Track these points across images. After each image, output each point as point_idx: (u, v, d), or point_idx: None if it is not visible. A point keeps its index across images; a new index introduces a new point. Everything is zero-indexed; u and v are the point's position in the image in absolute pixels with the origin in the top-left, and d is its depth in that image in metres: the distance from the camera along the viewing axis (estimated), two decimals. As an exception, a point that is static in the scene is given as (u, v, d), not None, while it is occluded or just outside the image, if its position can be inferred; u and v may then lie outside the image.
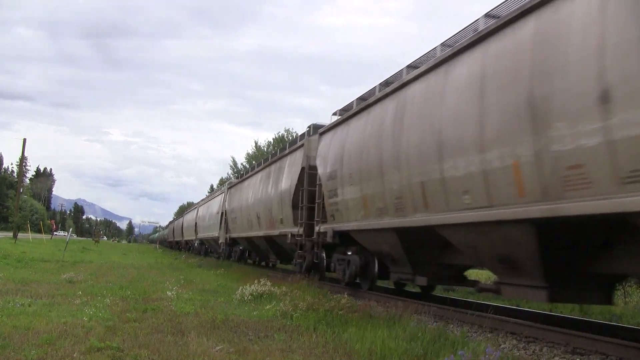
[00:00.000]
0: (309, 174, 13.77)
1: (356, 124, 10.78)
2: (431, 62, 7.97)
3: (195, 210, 40.81)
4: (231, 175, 67.22)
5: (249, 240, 20.96)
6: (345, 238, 11.27)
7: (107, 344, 4.97)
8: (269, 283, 10.06)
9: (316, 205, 12.95)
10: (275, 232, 16.37)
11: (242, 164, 62.50)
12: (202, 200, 39.62)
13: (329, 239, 11.77)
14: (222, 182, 73.56)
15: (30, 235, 43.51)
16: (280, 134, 56.83)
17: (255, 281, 10.22)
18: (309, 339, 5.81)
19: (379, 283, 12.00)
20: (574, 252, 6.02)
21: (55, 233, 67.01)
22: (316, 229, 12.62)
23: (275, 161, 17.90)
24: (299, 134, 22.79)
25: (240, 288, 9.73)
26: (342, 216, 11.01)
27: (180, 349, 5.04)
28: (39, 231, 57.96)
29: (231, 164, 65.72)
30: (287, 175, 15.56)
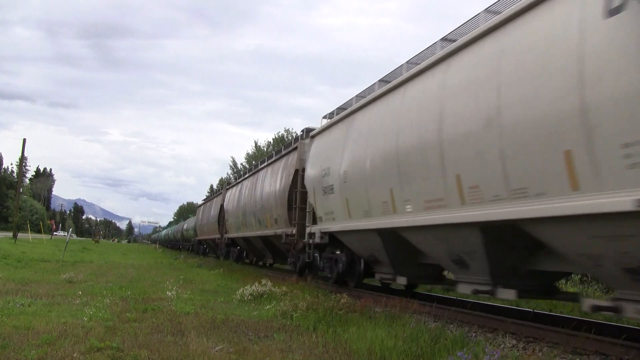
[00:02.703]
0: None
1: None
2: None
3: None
4: (231, 175, 67.24)
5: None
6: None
7: (107, 344, 4.97)
8: (269, 283, 10.06)
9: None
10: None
11: (242, 164, 62.56)
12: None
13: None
14: (222, 182, 73.50)
15: (30, 235, 43.49)
16: (280, 134, 56.93)
17: (256, 282, 10.22)
18: (309, 339, 5.81)
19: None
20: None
21: (55, 233, 66.99)
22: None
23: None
24: (298, 134, 23.29)
25: (241, 288, 9.73)
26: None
27: (180, 349, 5.04)
28: (39, 231, 57.98)
29: (231, 164, 65.84)
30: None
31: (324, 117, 13.05)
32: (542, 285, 7.22)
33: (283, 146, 18.53)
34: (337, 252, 12.11)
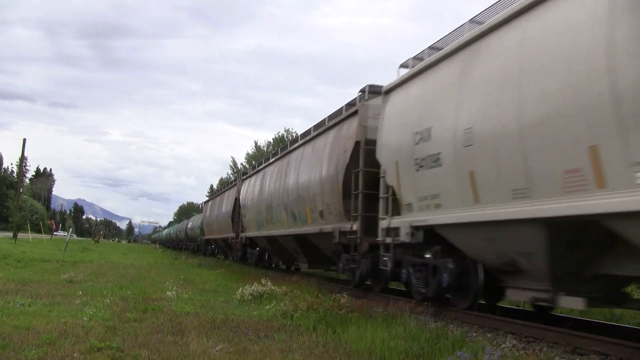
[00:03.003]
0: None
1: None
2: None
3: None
4: (231, 175, 67.18)
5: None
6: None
7: (107, 344, 4.97)
8: (269, 283, 10.06)
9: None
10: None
11: (242, 164, 62.54)
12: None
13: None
14: (222, 182, 73.36)
15: (30, 235, 43.49)
16: (280, 134, 56.91)
17: (256, 282, 10.21)
18: (309, 339, 5.81)
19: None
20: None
21: (55, 233, 66.99)
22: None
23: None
24: (298, 134, 20.35)
25: (240, 288, 9.74)
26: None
27: (180, 349, 5.05)
28: (39, 231, 57.98)
29: (231, 164, 65.81)
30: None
31: (402, 66, 9.48)
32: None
33: (327, 117, 13.48)
34: (428, 256, 8.35)
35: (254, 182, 20.10)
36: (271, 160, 18.25)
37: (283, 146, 18.88)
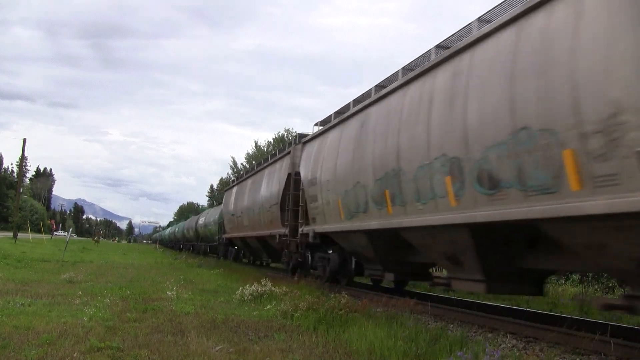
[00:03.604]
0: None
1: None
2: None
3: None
4: (231, 175, 67.17)
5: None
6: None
7: (107, 344, 4.97)
8: (269, 283, 10.06)
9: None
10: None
11: (242, 164, 62.55)
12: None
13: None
14: (222, 182, 73.36)
15: (30, 235, 43.50)
16: (280, 133, 56.94)
17: (256, 282, 10.21)
18: (309, 339, 5.81)
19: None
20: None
21: (55, 233, 67.02)
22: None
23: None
24: (293, 135, 23.59)
25: (240, 288, 9.73)
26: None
27: (180, 349, 5.05)
28: (39, 231, 58.00)
29: (231, 164, 65.84)
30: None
31: (315, 125, 13.70)
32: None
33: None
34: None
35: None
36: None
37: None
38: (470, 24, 7.28)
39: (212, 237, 32.71)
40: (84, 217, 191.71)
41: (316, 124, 13.83)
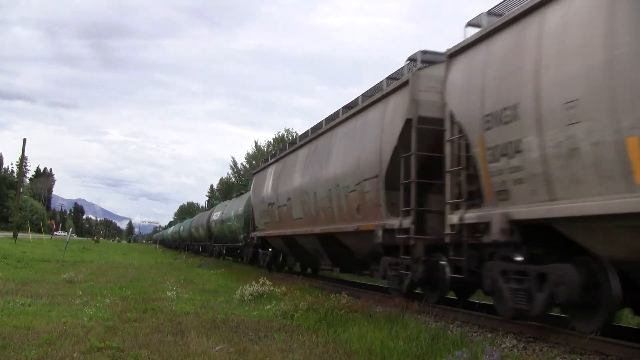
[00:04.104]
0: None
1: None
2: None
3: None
4: (231, 175, 67.06)
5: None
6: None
7: (107, 344, 4.97)
8: (268, 283, 10.06)
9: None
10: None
11: (242, 164, 62.55)
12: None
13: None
14: (222, 182, 73.09)
15: (30, 235, 43.51)
16: (280, 133, 56.95)
17: (255, 282, 10.21)
18: (309, 339, 5.81)
19: None
20: None
21: (55, 233, 67.01)
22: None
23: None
24: (298, 134, 19.00)
25: (240, 288, 9.74)
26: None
27: (180, 349, 5.05)
28: (39, 231, 58.01)
29: (231, 164, 65.81)
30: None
31: (470, 25, 7.69)
32: None
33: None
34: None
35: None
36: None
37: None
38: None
39: (233, 237, 24.98)
40: (84, 217, 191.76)
41: (471, 24, 7.66)
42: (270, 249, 18.59)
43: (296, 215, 14.23)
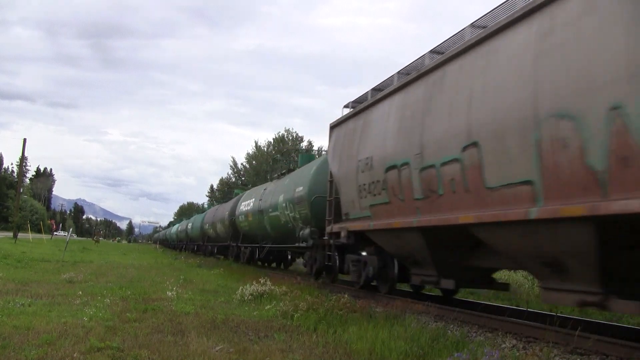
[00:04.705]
0: None
1: None
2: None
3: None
4: (231, 175, 66.91)
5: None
6: None
7: (107, 344, 4.97)
8: (269, 283, 10.06)
9: None
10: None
11: (242, 164, 62.55)
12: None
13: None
14: (222, 182, 72.79)
15: (30, 235, 43.53)
16: (280, 134, 56.96)
17: (255, 282, 10.21)
18: (309, 339, 5.81)
19: None
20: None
21: (55, 233, 67.04)
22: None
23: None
24: (298, 134, 18.04)
25: (240, 288, 9.74)
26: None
27: (180, 349, 5.05)
28: (39, 231, 58.03)
29: (231, 164, 65.80)
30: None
31: None
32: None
33: None
34: None
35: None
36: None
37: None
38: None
39: (284, 233, 16.23)
40: (84, 217, 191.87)
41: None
42: (370, 254, 10.54)
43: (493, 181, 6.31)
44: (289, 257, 20.57)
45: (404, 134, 8.38)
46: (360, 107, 10.67)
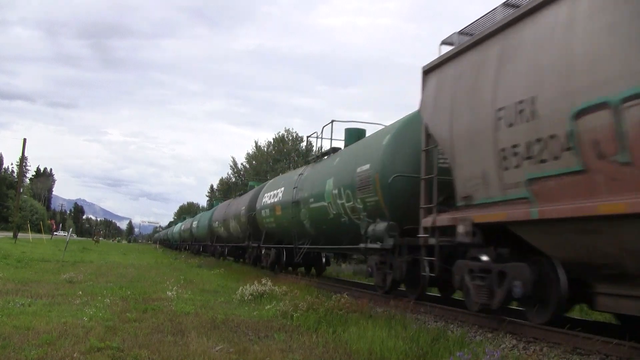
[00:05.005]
0: None
1: None
2: None
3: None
4: (231, 175, 66.92)
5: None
6: None
7: (107, 344, 4.97)
8: (269, 282, 10.05)
9: None
10: None
11: (242, 164, 62.54)
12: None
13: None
14: (222, 182, 72.74)
15: (30, 235, 43.52)
16: (280, 133, 56.94)
17: (256, 282, 10.21)
18: (309, 339, 5.81)
19: None
20: None
21: (55, 233, 67.04)
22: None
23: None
24: (298, 134, 16.86)
25: (240, 288, 9.74)
26: None
27: (180, 349, 5.04)
28: (39, 231, 58.03)
29: (231, 164, 65.79)
30: None
31: None
32: None
33: None
34: None
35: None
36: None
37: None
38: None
39: (331, 231, 12.65)
40: (84, 217, 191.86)
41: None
42: (510, 260, 6.67)
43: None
44: (324, 259, 16.39)
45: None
46: (491, 29, 6.70)
